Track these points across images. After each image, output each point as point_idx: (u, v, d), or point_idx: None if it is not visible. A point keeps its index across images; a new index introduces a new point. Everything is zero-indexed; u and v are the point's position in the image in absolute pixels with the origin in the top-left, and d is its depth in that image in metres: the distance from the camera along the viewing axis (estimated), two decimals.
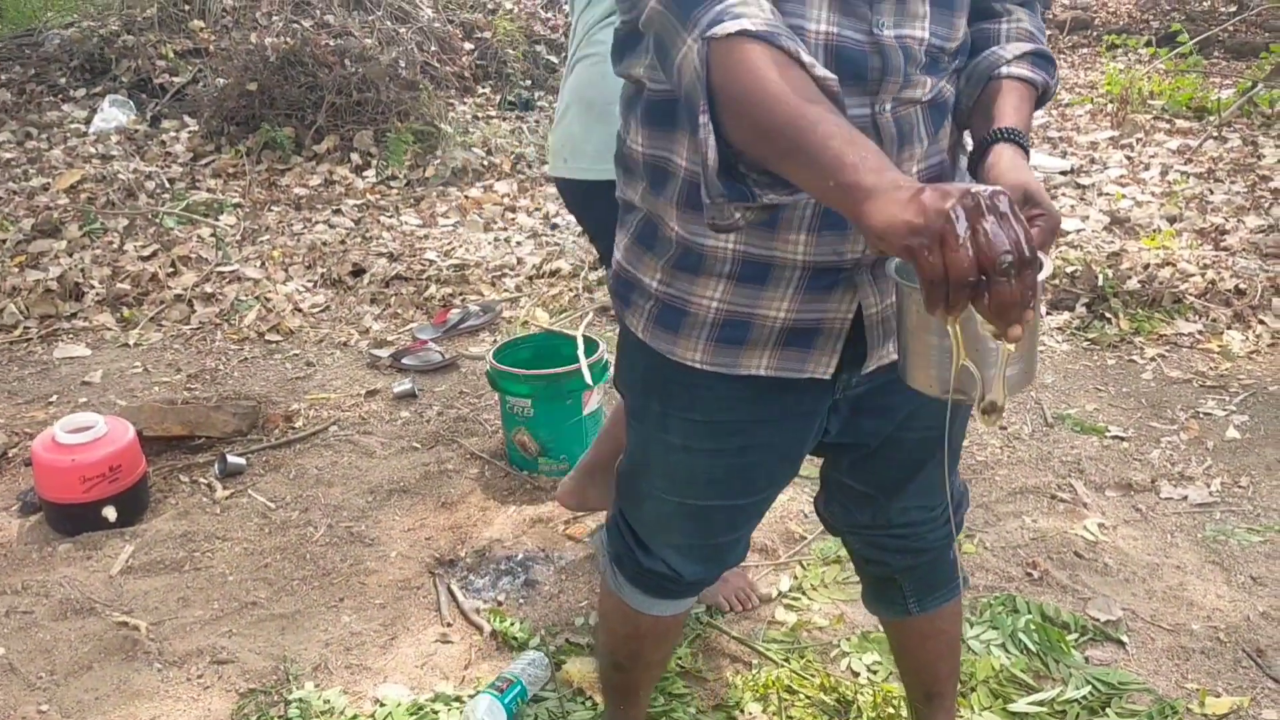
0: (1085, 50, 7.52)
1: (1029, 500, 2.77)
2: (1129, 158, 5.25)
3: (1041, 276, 1.08)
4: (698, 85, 1.08)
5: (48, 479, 2.71)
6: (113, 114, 5.58)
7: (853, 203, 0.98)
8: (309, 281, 4.17)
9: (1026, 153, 1.26)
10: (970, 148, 1.34)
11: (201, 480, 2.98)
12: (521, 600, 2.49)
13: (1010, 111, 1.30)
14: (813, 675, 2.19)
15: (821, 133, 1.00)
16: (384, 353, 3.68)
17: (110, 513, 2.72)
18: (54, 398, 3.41)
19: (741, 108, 1.05)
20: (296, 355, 3.72)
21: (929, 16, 1.28)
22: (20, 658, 2.32)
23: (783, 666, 2.22)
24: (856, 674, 2.20)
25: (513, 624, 2.38)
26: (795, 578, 2.50)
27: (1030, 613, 2.32)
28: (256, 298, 3.97)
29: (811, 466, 1.79)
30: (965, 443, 2.99)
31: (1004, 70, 1.33)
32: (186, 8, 6.30)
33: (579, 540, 2.71)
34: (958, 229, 0.90)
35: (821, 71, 1.06)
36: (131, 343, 3.74)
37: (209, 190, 4.80)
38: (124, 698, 2.21)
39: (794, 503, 2.77)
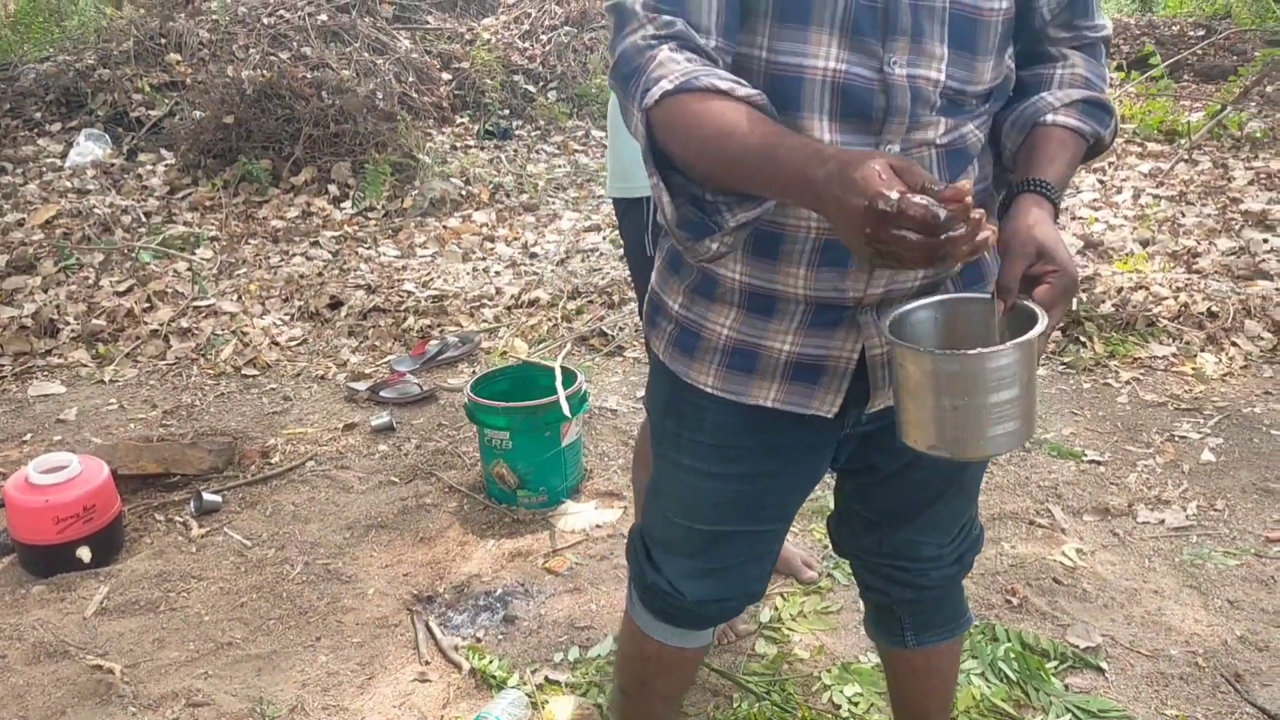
0: None
1: (1007, 526, 2.78)
2: (1101, 181, 5.30)
3: (1036, 332, 1.16)
4: (645, 151, 1.18)
5: (20, 520, 2.68)
6: (89, 148, 5.57)
7: (814, 193, 1.03)
8: (286, 314, 4.16)
9: (1054, 205, 1.26)
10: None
11: (177, 518, 2.95)
12: (501, 636, 2.48)
13: (1045, 162, 1.29)
14: (794, 708, 2.18)
15: (759, 144, 1.09)
16: (362, 386, 3.67)
17: (84, 553, 2.69)
18: (28, 436, 3.38)
19: (688, 157, 1.15)
20: (273, 389, 3.70)
21: (946, 58, 1.25)
22: None
23: (764, 700, 2.21)
24: (838, 706, 2.19)
25: (491, 661, 2.36)
26: (775, 609, 2.49)
27: (1010, 641, 2.32)
28: (233, 332, 3.96)
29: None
30: None
31: (1049, 118, 1.32)
32: (163, 41, 6.30)
33: (558, 574, 2.70)
34: (899, 180, 0.98)
35: (744, 92, 1.13)
36: (107, 379, 3.72)
37: (186, 224, 4.79)
38: None
39: None
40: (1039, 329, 1.16)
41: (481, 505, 2.98)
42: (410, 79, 6.35)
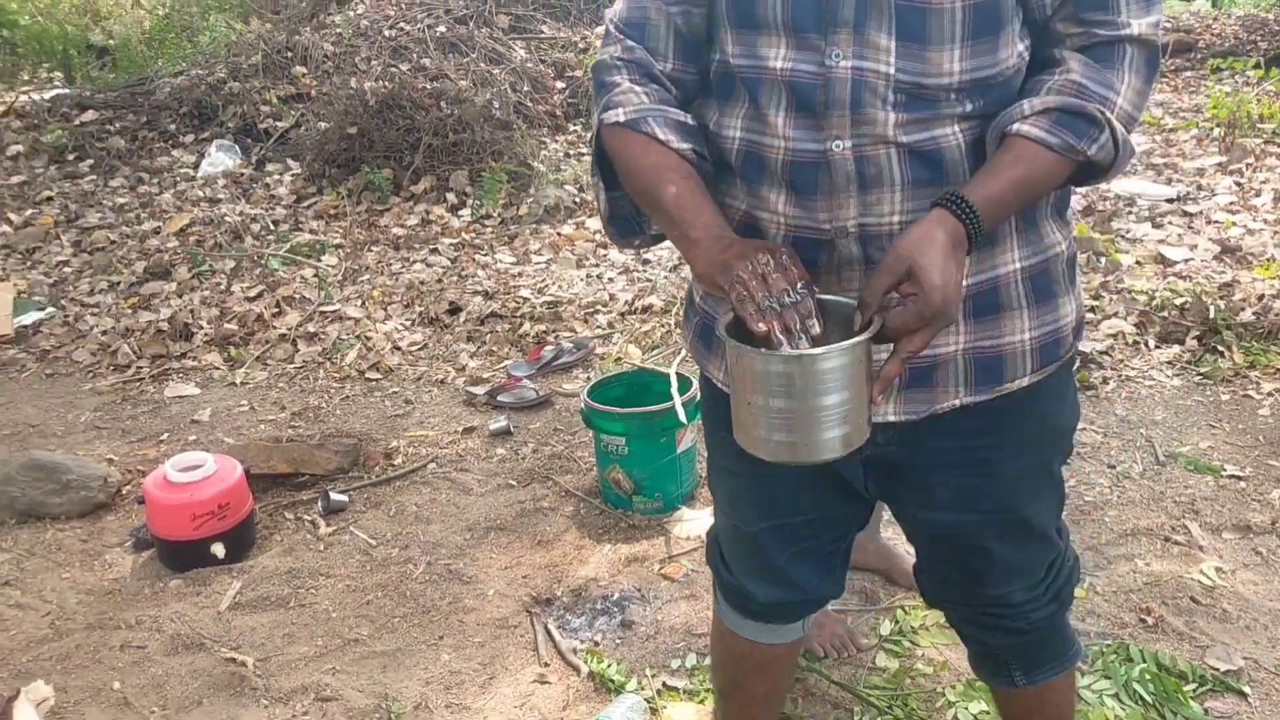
0: (1189, 74, 7.31)
1: (1141, 543, 2.67)
2: (1238, 184, 5.07)
3: (862, 338, 1.16)
4: (593, 156, 1.39)
5: (159, 516, 2.80)
6: (219, 158, 5.79)
7: (685, 249, 1.28)
8: (407, 320, 4.26)
9: (966, 226, 1.18)
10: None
11: (305, 517, 3.04)
12: (618, 641, 2.48)
13: (985, 176, 1.21)
14: None
15: (668, 196, 1.28)
16: (480, 390, 3.73)
17: (219, 549, 2.80)
18: (165, 435, 3.53)
19: (622, 176, 1.35)
20: (395, 393, 3.79)
21: (894, 50, 1.21)
22: (134, 692, 2.39)
23: (886, 714, 2.17)
24: None
25: (609, 665, 2.37)
26: (896, 621, 2.45)
27: (1145, 661, 2.23)
28: (357, 336, 4.07)
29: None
30: (1071, 482, 2.91)
31: (1014, 127, 1.22)
32: (289, 54, 6.51)
33: (674, 580, 2.70)
34: (745, 284, 1.17)
35: (679, 145, 1.30)
36: (238, 381, 3.85)
37: (311, 231, 4.94)
38: None
39: (894, 545, 2.72)
40: (865, 335, 1.17)
41: (597, 510, 3.00)
42: (525, 88, 6.44)
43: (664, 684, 2.33)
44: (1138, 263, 4.02)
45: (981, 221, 1.19)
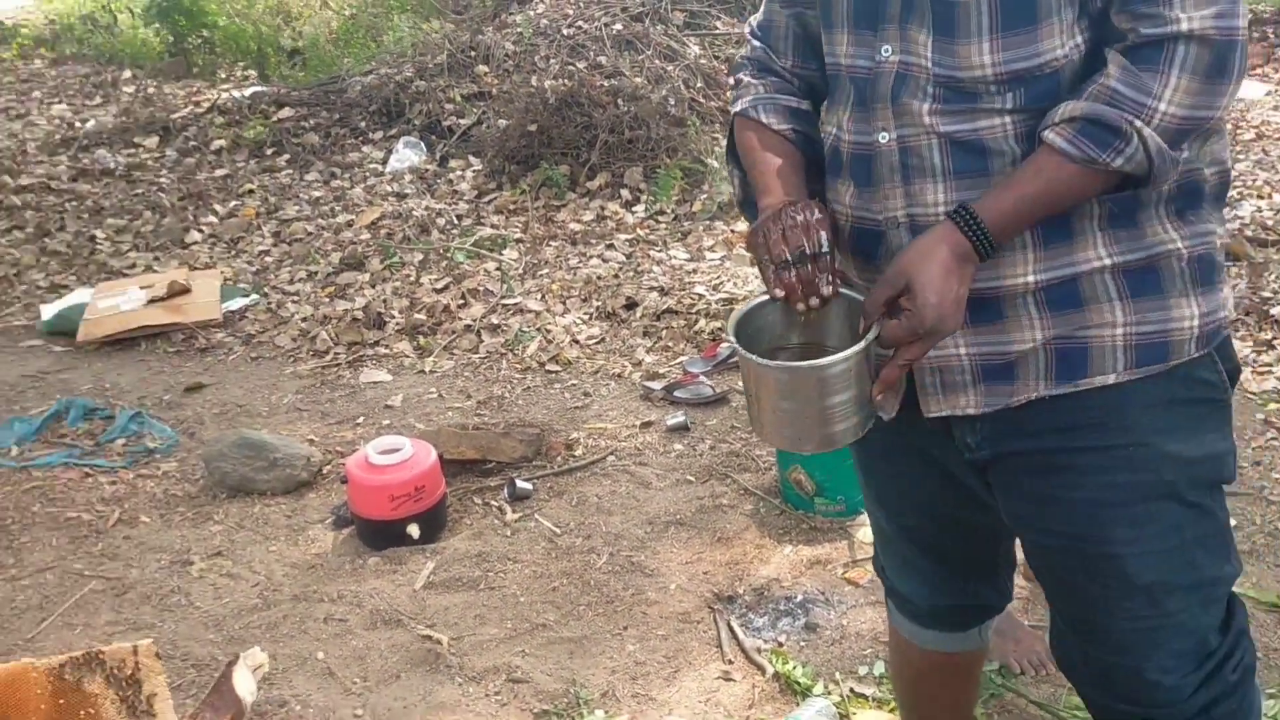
0: None
1: None
2: None
3: (859, 346, 1.21)
4: (727, 144, 1.54)
5: (360, 496, 2.94)
6: (406, 154, 6.01)
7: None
8: (585, 314, 4.34)
9: (971, 240, 1.22)
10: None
11: (493, 503, 3.14)
12: (803, 643, 2.48)
13: (1001, 187, 1.24)
14: None
15: (754, 169, 1.42)
16: (656, 385, 3.77)
17: (414, 530, 2.92)
18: (360, 419, 3.69)
19: (741, 158, 1.48)
20: (574, 385, 3.87)
21: (930, 45, 1.26)
22: (337, 663, 2.52)
23: None
24: None
25: (795, 667, 2.37)
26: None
27: None
28: (538, 329, 4.17)
29: None
30: None
31: (1042, 134, 1.22)
32: (473, 53, 6.71)
33: (859, 585, 2.67)
34: (767, 237, 1.29)
35: (778, 126, 1.44)
36: (427, 369, 4.00)
37: (493, 226, 5.08)
38: (429, 708, 2.35)
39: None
40: (862, 344, 1.22)
41: (777, 510, 3.00)
42: (699, 84, 6.46)
43: (851, 690, 2.31)
44: None
45: (991, 236, 1.22)
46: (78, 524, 3.17)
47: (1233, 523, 2.46)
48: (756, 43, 1.51)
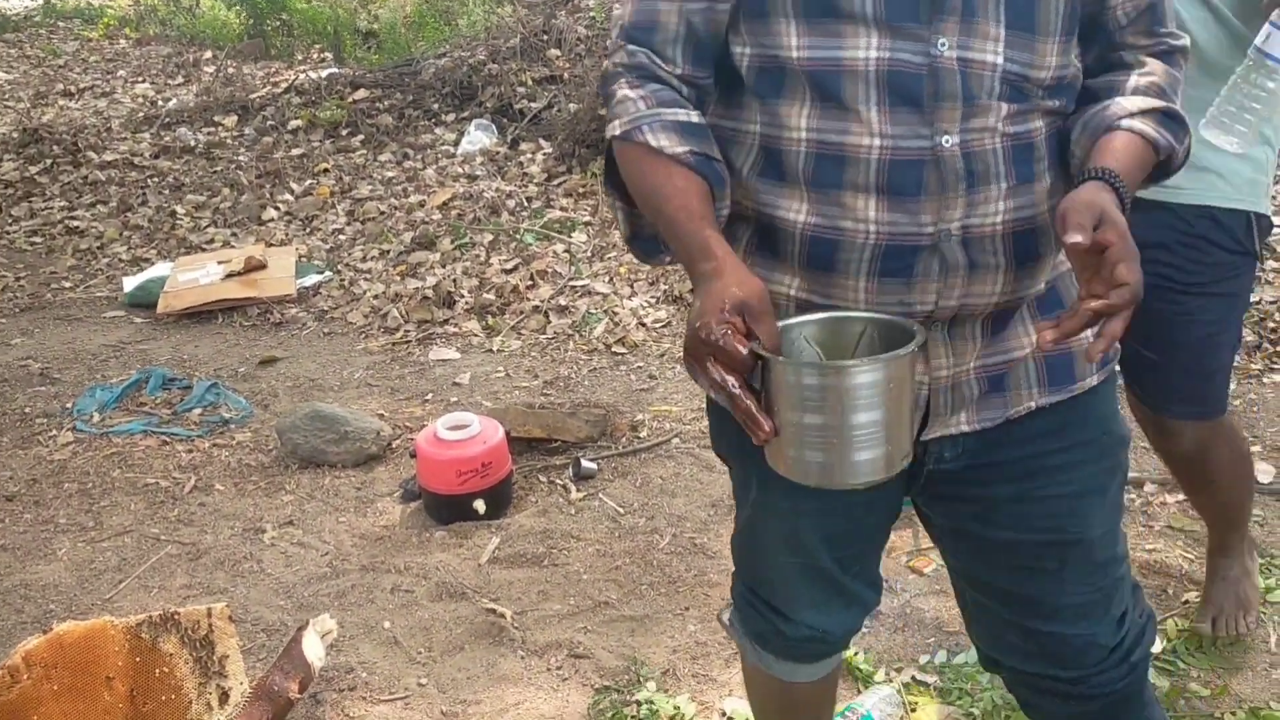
0: None
1: None
2: None
3: (907, 349, 1.09)
4: (605, 173, 1.32)
5: (429, 470, 2.98)
6: (478, 137, 6.07)
7: (694, 283, 1.17)
8: (651, 298, 4.34)
9: (1118, 193, 1.14)
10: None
11: (557, 481, 3.17)
12: (865, 630, 2.46)
13: (1110, 156, 1.19)
14: None
15: (667, 217, 1.19)
16: None
17: (480, 505, 2.95)
18: (429, 396, 3.74)
19: (633, 196, 1.27)
20: (640, 368, 3.88)
21: (1003, 39, 1.18)
22: (403, 633, 2.56)
23: None
24: None
25: (857, 654, 2.35)
26: (1168, 637, 2.31)
27: None
28: (605, 311, 4.19)
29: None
30: None
31: (1124, 123, 1.21)
32: (545, 37, 6.74)
33: (922, 574, 2.65)
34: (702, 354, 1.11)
35: (674, 150, 1.20)
36: (495, 349, 4.04)
37: (561, 209, 5.11)
38: (492, 680, 2.38)
39: (1164, 554, 2.57)
40: (908, 349, 1.10)
41: None
42: None
43: (913, 678, 2.29)
44: None
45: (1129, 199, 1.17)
46: (155, 490, 3.25)
47: (1262, 524, 2.51)
48: (634, 46, 1.26)
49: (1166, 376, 2.04)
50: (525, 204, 5.16)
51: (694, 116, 1.24)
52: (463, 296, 4.35)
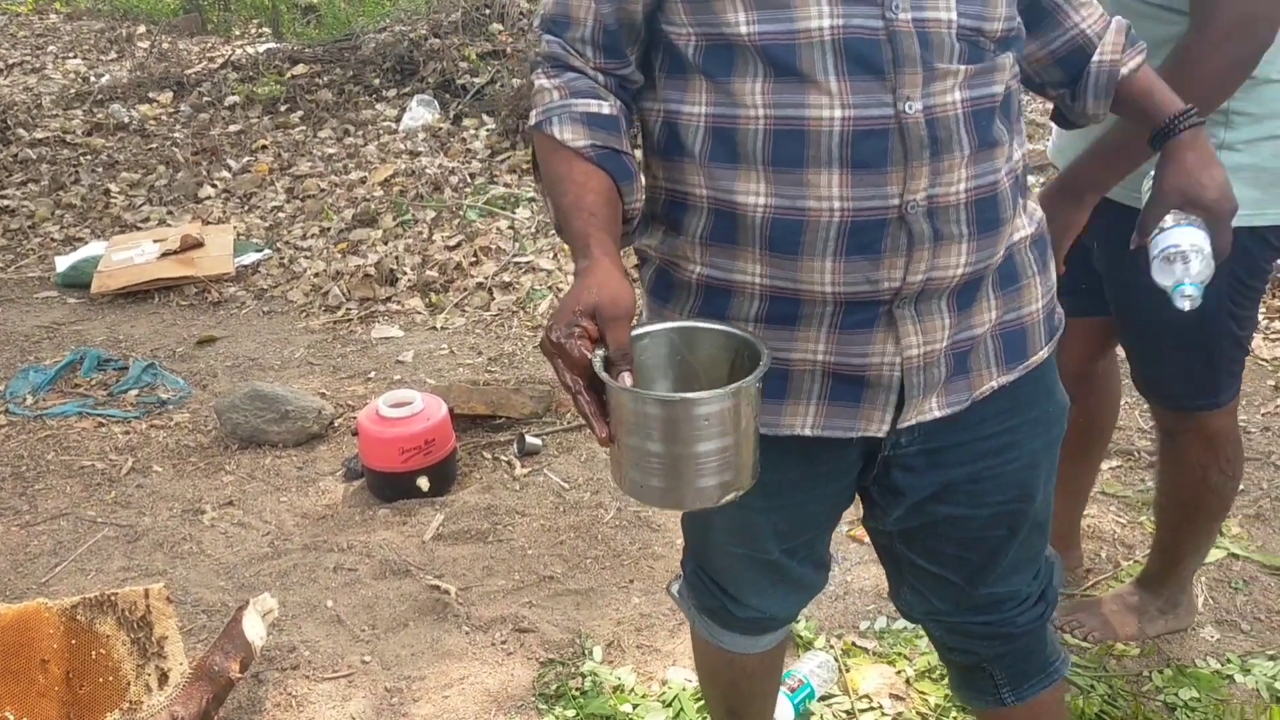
0: None
1: None
2: None
3: (751, 379, 1.08)
4: (532, 161, 1.33)
5: (371, 448, 2.96)
6: (420, 113, 5.99)
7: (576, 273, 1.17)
8: None
9: (1196, 121, 1.32)
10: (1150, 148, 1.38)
11: (502, 457, 3.16)
12: None
13: (1158, 101, 1.34)
14: (1122, 705, 2.07)
15: (562, 211, 1.20)
16: None
17: (423, 483, 2.94)
18: (371, 374, 3.71)
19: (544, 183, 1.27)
20: None
21: None
22: (346, 611, 2.54)
23: (1089, 693, 2.11)
24: (1173, 709, 2.06)
25: (799, 622, 2.38)
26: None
27: None
28: (549, 287, 4.17)
29: None
30: None
31: (1125, 71, 1.36)
32: (487, 12, 6.68)
33: (863, 542, 2.68)
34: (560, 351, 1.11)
35: (575, 143, 1.21)
36: (439, 326, 4.02)
37: (505, 185, 5.07)
38: (436, 656, 2.38)
39: (1097, 520, 2.62)
40: (751, 378, 1.08)
41: None
42: None
43: (852, 643, 2.33)
44: None
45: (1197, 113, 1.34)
46: (91, 472, 3.20)
47: (1241, 487, 2.47)
48: (550, 37, 1.27)
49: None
50: (468, 180, 5.11)
51: (605, 108, 1.23)
52: (405, 274, 4.31)
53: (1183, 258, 1.30)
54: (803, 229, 1.18)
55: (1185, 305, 1.31)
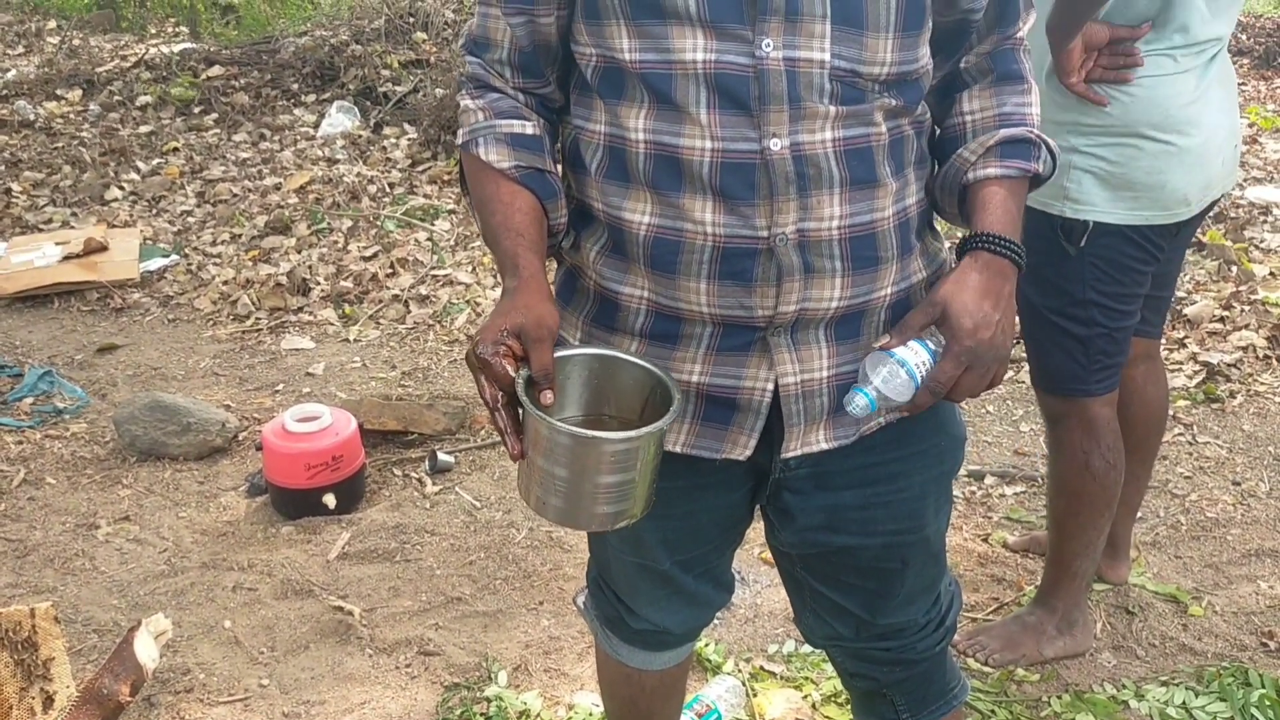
0: None
1: (1265, 564, 2.58)
2: None
3: (661, 425, 1.14)
4: (460, 179, 1.36)
5: (275, 463, 2.88)
6: (339, 119, 5.89)
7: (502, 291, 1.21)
8: None
9: (1006, 257, 1.22)
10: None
11: (413, 475, 3.10)
12: (716, 622, 2.48)
13: (987, 212, 1.25)
14: None
15: (489, 235, 1.25)
16: None
17: (330, 500, 2.87)
18: (280, 386, 3.62)
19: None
20: None
21: (829, 36, 1.16)
22: (244, 632, 2.47)
23: (989, 718, 2.13)
24: None
25: (707, 645, 2.37)
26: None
27: (1265, 687, 2.16)
28: (467, 301, 4.12)
29: None
30: (1193, 496, 2.83)
31: (970, 176, 1.28)
32: (411, 20, 6.60)
33: (774, 566, 2.68)
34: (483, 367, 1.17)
35: (500, 165, 1.25)
36: (352, 338, 3.94)
37: (425, 196, 5.01)
38: (338, 679, 2.32)
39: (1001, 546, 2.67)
40: (661, 424, 1.14)
41: None
42: None
43: (760, 667, 2.33)
44: (1271, 274, 3.87)
45: (1020, 248, 1.23)
46: None
47: (1139, 515, 2.53)
48: (472, 58, 1.31)
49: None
50: (387, 190, 5.04)
51: (528, 128, 1.28)
52: (318, 284, 4.22)
53: (891, 371, 1.20)
54: (680, 249, 1.22)
55: (849, 407, 1.21)
